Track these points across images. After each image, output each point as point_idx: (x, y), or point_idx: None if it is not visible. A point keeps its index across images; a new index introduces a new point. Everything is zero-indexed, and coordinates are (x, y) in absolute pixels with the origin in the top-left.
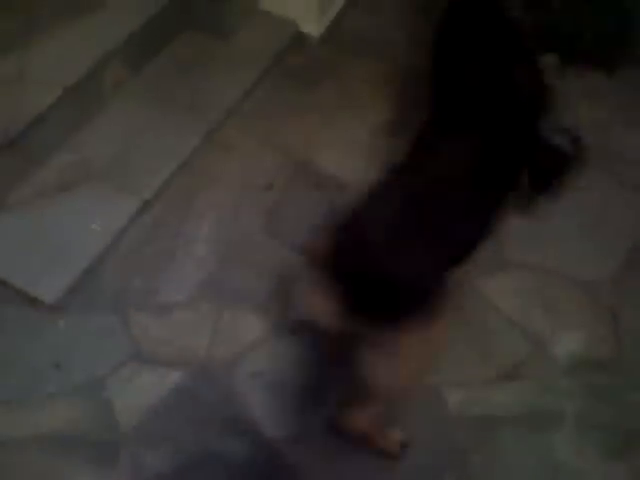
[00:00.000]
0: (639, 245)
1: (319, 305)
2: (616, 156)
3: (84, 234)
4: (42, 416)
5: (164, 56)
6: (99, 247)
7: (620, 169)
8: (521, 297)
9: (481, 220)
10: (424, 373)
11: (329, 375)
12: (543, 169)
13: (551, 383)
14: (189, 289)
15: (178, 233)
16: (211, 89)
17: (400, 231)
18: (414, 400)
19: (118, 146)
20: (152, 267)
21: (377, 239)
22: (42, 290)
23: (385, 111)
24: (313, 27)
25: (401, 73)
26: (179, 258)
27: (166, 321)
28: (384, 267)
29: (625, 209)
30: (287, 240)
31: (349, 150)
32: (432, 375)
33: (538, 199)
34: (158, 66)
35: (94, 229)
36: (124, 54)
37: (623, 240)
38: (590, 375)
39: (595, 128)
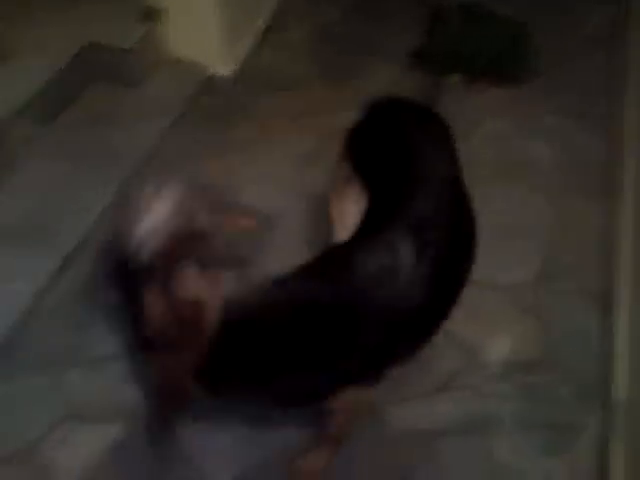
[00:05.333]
0: (555, 248)
1: None
2: (520, 165)
3: (4, 296)
4: None
5: (74, 109)
6: (21, 309)
7: (528, 175)
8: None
9: None
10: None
11: None
12: None
13: (486, 389)
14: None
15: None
16: (125, 138)
17: None
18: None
19: (32, 204)
20: (80, 322)
21: None
22: None
23: (304, 142)
24: (223, 68)
25: (315, 104)
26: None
27: (99, 375)
28: None
29: (538, 213)
30: None
31: (272, 184)
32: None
33: None
34: (69, 119)
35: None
36: (31, 109)
37: (539, 244)
38: (522, 376)
39: (499, 139)
